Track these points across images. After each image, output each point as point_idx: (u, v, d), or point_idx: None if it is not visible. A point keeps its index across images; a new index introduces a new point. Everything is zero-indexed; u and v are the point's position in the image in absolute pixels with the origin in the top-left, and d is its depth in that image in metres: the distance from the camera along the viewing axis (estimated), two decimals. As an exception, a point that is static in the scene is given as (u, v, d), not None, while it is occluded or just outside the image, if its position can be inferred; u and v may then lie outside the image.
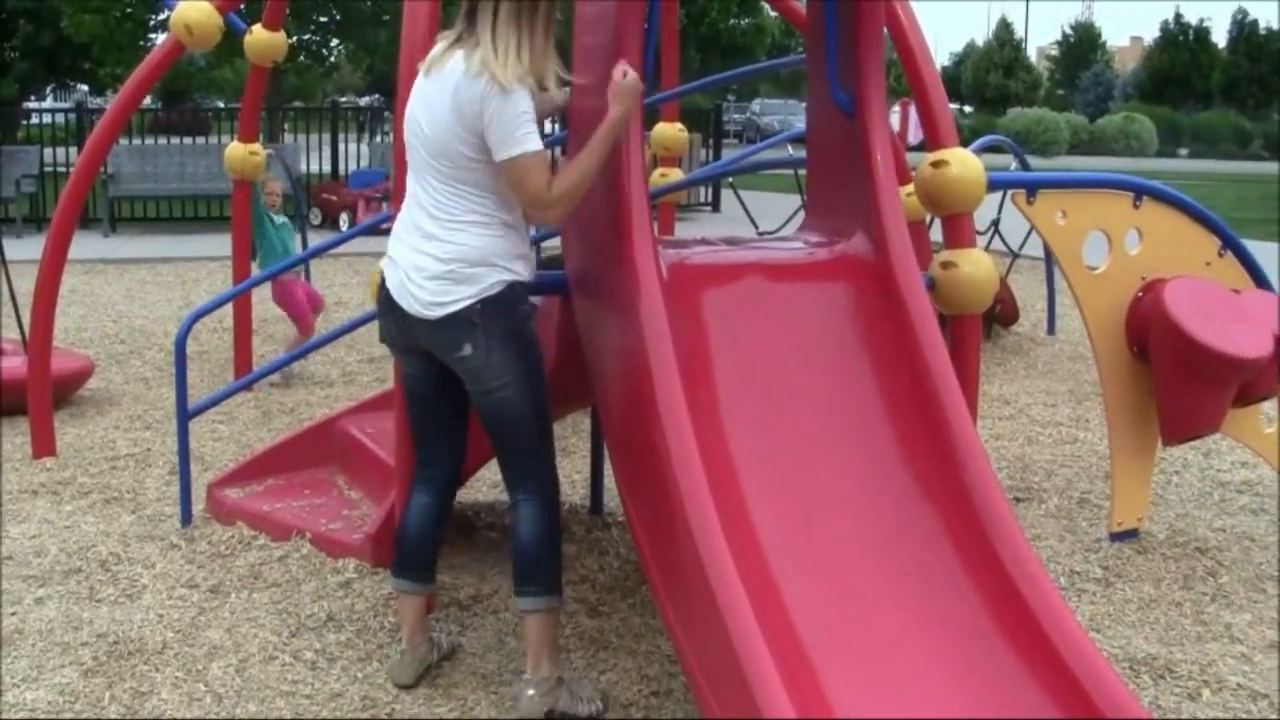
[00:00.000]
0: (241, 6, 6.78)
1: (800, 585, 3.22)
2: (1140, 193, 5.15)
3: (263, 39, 7.36)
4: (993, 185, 4.67)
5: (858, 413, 3.65)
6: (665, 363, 3.44)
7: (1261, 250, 12.75)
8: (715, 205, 19.05)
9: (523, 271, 3.70)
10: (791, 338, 3.78)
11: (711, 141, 19.51)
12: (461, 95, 3.54)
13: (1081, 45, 68.70)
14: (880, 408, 3.67)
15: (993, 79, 58.82)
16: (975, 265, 4.52)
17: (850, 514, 3.42)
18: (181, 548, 5.10)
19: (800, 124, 6.91)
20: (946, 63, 76.13)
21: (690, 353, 3.62)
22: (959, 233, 4.57)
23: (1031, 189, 4.95)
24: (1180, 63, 60.14)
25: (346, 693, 3.95)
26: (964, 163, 4.49)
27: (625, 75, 3.63)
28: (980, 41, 68.89)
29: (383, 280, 3.80)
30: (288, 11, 18.87)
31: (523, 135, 3.53)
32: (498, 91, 3.49)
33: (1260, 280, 5.40)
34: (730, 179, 10.77)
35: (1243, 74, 57.95)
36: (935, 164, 4.50)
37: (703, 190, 18.97)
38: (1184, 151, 46.33)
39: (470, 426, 3.97)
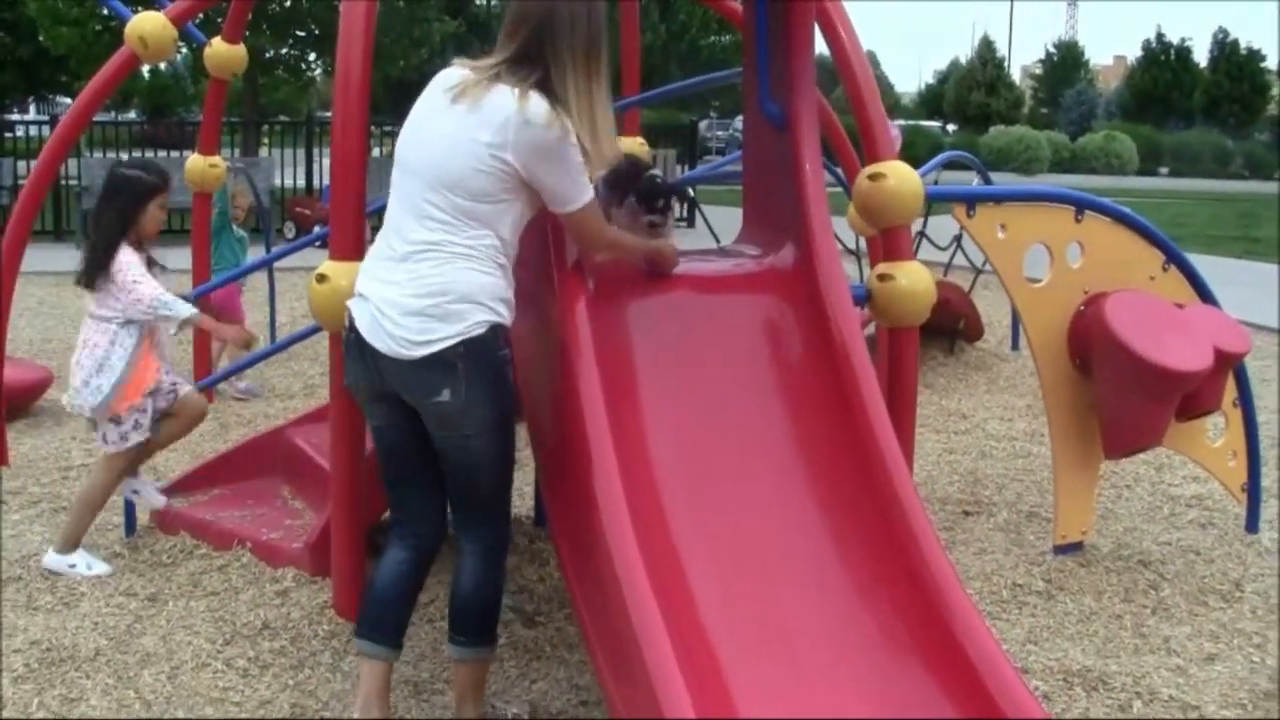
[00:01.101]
0: (218, 20, 6.79)
1: (714, 592, 3.24)
2: (1081, 207, 5.16)
3: (222, 52, 7.38)
4: (930, 199, 4.67)
5: (781, 424, 3.67)
6: (588, 374, 3.46)
7: (1224, 266, 12.86)
8: (690, 220, 19.04)
9: (505, 315, 3.47)
10: (717, 349, 3.79)
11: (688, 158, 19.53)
12: (514, 136, 3.34)
13: (1065, 64, 68.99)
14: (804, 419, 3.68)
15: (975, 97, 59.00)
16: (912, 278, 4.50)
17: (769, 524, 3.44)
18: (124, 556, 5.11)
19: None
20: (930, 81, 76.45)
21: (614, 364, 3.63)
22: (896, 245, 4.55)
23: (971, 202, 4.94)
24: (1162, 82, 60.41)
25: (276, 700, 3.96)
26: (900, 175, 4.46)
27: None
28: (964, 60, 69.09)
29: (350, 321, 3.53)
30: (265, 27, 18.91)
31: (585, 183, 3.47)
32: (568, 145, 3.38)
33: (1204, 294, 5.41)
34: (692, 191, 10.79)
35: (1224, 93, 58.23)
36: (872, 177, 4.47)
37: (677, 205, 18.95)
38: (1164, 170, 46.44)
39: None
